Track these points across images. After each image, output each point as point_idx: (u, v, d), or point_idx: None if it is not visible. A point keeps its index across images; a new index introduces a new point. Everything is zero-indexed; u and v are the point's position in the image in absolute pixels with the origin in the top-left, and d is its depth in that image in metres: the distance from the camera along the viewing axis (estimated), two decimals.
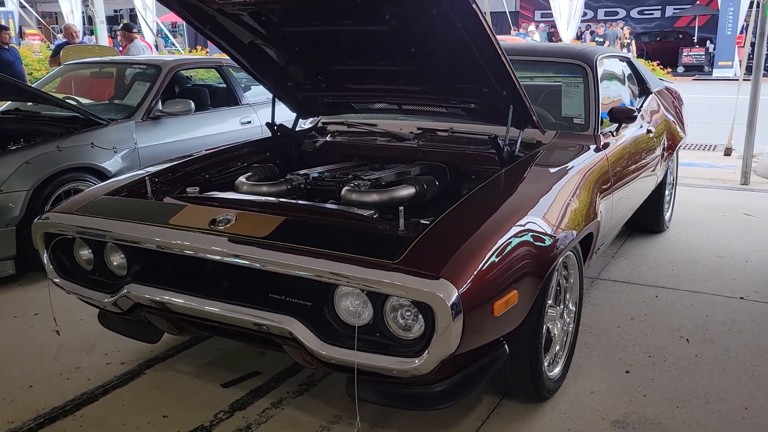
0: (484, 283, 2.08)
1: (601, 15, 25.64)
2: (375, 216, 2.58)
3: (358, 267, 2.06)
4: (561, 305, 2.89)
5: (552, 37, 20.09)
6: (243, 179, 3.04)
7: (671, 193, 5.29)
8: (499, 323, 2.21)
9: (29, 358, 3.26)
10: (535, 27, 21.09)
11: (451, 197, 3.03)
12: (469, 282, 2.03)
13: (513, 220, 2.36)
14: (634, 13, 25.23)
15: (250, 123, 5.76)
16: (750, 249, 4.75)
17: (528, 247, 2.33)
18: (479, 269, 2.08)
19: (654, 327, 3.50)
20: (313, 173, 3.09)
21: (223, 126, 5.53)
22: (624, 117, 3.58)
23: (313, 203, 2.74)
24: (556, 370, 2.84)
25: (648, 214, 4.77)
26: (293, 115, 3.77)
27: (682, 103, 5.64)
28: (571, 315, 2.98)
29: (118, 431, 2.64)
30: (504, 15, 16.93)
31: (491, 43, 2.54)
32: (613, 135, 3.59)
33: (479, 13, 2.40)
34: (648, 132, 4.18)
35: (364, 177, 2.94)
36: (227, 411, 2.76)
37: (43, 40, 18.16)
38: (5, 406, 2.83)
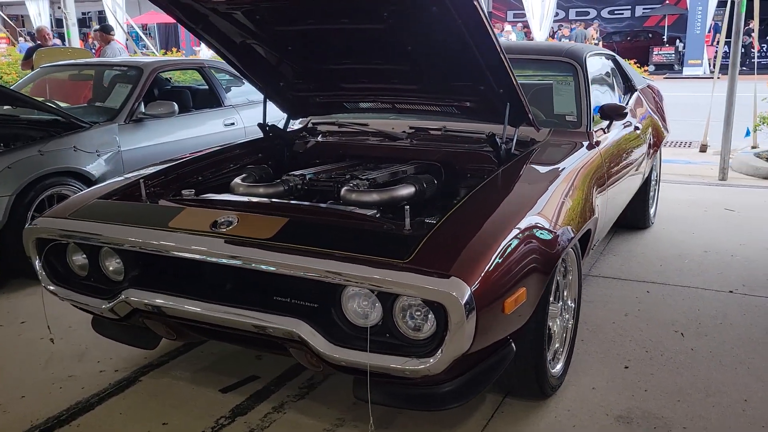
0: (494, 281, 2.07)
1: (573, 15, 25.90)
2: (377, 216, 2.55)
3: (369, 267, 2.03)
4: (560, 302, 2.89)
5: (525, 37, 20.24)
6: (239, 181, 2.99)
7: (655, 190, 5.34)
8: (509, 321, 2.21)
9: (19, 367, 3.18)
10: (512, 27, 21.21)
11: (448, 196, 3.04)
12: (481, 280, 2.01)
13: (518, 217, 2.36)
14: (604, 13, 25.54)
15: (233, 125, 5.69)
16: (734, 243, 4.82)
17: (534, 244, 2.32)
18: (489, 267, 2.07)
19: (648, 322, 3.53)
20: (310, 174, 3.06)
21: (207, 128, 5.45)
22: (615, 114, 3.61)
23: (315, 204, 2.71)
24: (557, 366, 2.84)
25: (634, 210, 4.81)
26: (277, 117, 3.74)
27: (662, 101, 5.70)
28: (570, 311, 2.99)
29: None
30: None
31: (491, 41, 2.54)
32: (605, 132, 3.61)
33: (481, 11, 2.40)
34: (636, 129, 4.22)
35: (362, 177, 2.91)
36: (228, 417, 2.71)
37: (11, 43, 17.80)
38: None
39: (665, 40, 23.29)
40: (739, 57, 6.92)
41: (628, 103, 4.43)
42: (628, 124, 4.06)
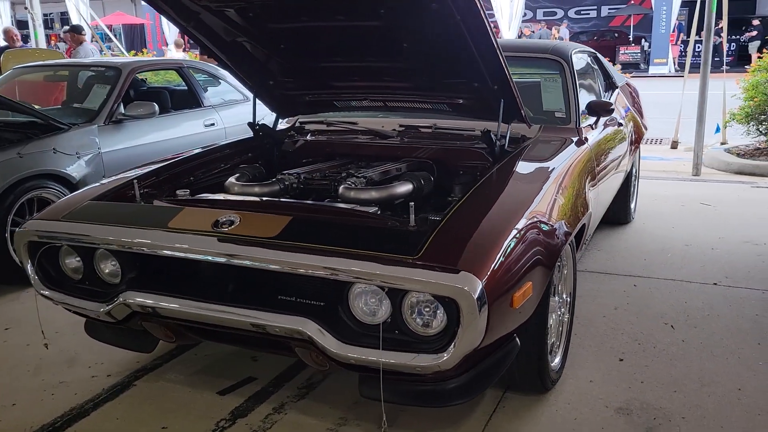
0: (503, 275, 2.08)
1: (540, 15, 26.19)
2: (378, 213, 2.54)
3: (379, 264, 2.02)
4: (556, 296, 2.91)
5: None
6: (233, 180, 2.96)
7: (635, 185, 5.42)
8: (517, 315, 2.22)
9: (7, 375, 3.10)
10: None
11: (442, 193, 3.05)
12: (490, 274, 2.02)
13: (521, 212, 2.37)
14: (571, 14, 25.87)
15: (213, 125, 5.63)
16: (713, 237, 4.91)
17: (537, 238, 2.34)
18: (498, 262, 2.08)
19: (638, 315, 3.58)
20: (305, 172, 3.04)
21: (187, 129, 5.38)
22: (602, 110, 3.66)
23: (316, 202, 2.69)
24: (555, 360, 2.86)
25: (616, 206, 4.87)
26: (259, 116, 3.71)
27: (639, 98, 5.79)
28: (566, 306, 3.01)
29: None
30: None
31: (489, 38, 2.54)
32: (592, 128, 3.65)
33: (480, 7, 2.40)
34: (619, 125, 4.27)
35: (358, 175, 2.90)
36: (228, 419, 2.68)
37: None
38: None
39: (631, 39, 23.67)
40: (711, 55, 7.05)
41: (611, 100, 4.48)
42: (612, 120, 4.12)
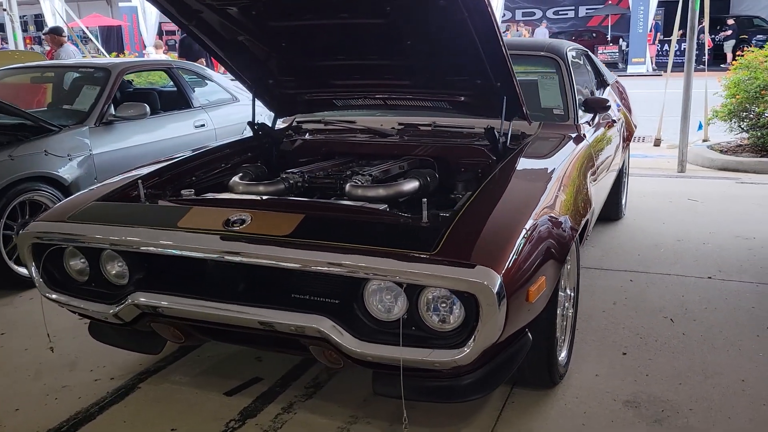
0: (519, 270, 2.09)
1: (519, 15, 26.37)
2: (387, 210, 2.54)
3: (397, 261, 2.02)
4: (560, 291, 2.93)
5: None
6: (237, 179, 2.94)
7: (625, 182, 5.48)
8: (532, 310, 2.23)
9: (7, 379, 3.05)
10: None
11: (445, 190, 3.05)
12: (507, 269, 2.03)
13: (531, 207, 2.38)
14: (549, 14, 26.06)
15: (203, 126, 5.58)
16: (703, 232, 4.98)
17: (549, 233, 2.35)
18: (514, 256, 2.08)
19: (637, 309, 3.61)
20: (309, 171, 3.03)
21: (178, 130, 5.33)
22: (599, 107, 3.69)
23: (325, 200, 2.68)
24: (562, 355, 2.88)
25: (608, 202, 4.91)
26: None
27: (627, 96, 5.85)
28: (570, 300, 3.03)
29: None
30: None
31: (495, 34, 2.55)
32: (589, 125, 3.68)
33: (487, 3, 2.41)
34: (613, 122, 4.32)
35: (363, 173, 2.90)
36: (238, 419, 2.66)
37: None
38: None
39: (609, 39, 23.92)
40: (695, 53, 7.15)
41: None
42: (607, 117, 4.15)
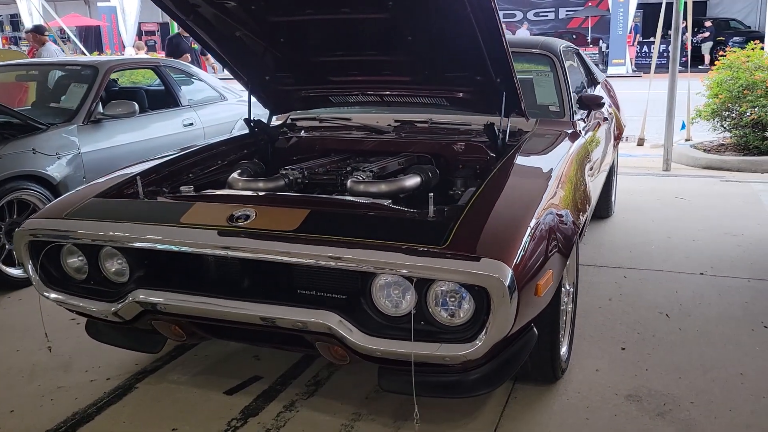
0: (528, 264, 2.09)
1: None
2: (391, 205, 2.53)
3: (408, 255, 2.01)
4: (563, 286, 2.94)
5: None
6: (236, 176, 2.91)
7: (615, 180, 5.51)
8: (540, 304, 2.23)
9: (0, 381, 2.99)
10: None
11: (443, 187, 3.04)
12: (517, 263, 2.02)
13: (536, 203, 2.37)
14: (530, 15, 26.21)
15: (192, 125, 5.53)
16: (692, 229, 5.02)
17: (555, 228, 2.36)
18: (522, 250, 2.08)
19: (632, 305, 3.63)
20: (308, 167, 3.01)
21: (166, 128, 5.27)
22: (593, 104, 3.72)
23: (329, 196, 2.66)
24: (563, 350, 2.88)
25: (599, 199, 4.93)
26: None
27: (615, 95, 5.89)
28: (569, 296, 3.04)
29: None
30: None
31: (498, 30, 2.55)
32: (584, 122, 3.70)
33: None
34: (605, 119, 4.34)
35: (364, 168, 2.88)
36: (240, 418, 2.63)
37: None
38: None
39: (589, 40, 24.11)
40: (679, 53, 7.23)
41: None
42: (600, 114, 4.18)
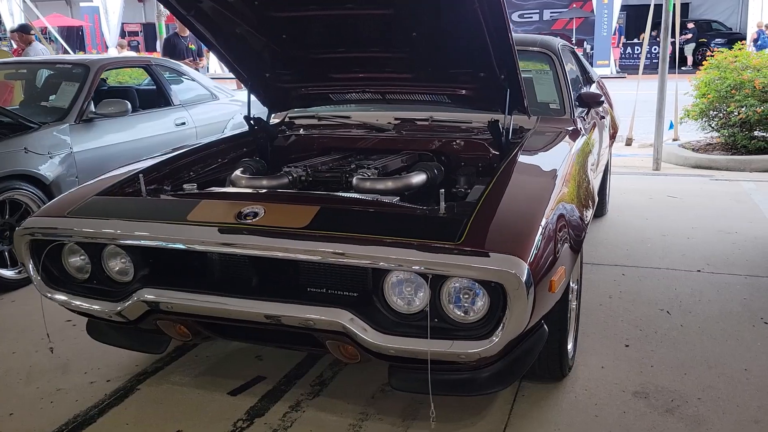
0: (542, 260, 2.07)
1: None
2: (399, 202, 2.50)
3: (423, 252, 1.98)
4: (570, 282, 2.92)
5: None
6: (239, 173, 2.87)
7: (609, 178, 5.53)
8: (552, 300, 2.21)
9: None
10: None
11: (446, 184, 3.02)
12: (532, 258, 2.01)
13: (546, 199, 2.36)
14: (515, 17, 26.25)
15: (184, 124, 5.47)
16: (686, 227, 5.05)
17: (566, 224, 2.35)
18: (537, 246, 2.06)
19: (633, 302, 3.64)
20: (311, 165, 2.98)
21: (159, 128, 5.21)
22: (592, 102, 3.72)
23: (337, 193, 2.63)
24: (569, 347, 2.87)
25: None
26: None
27: (608, 93, 5.91)
28: (574, 293, 3.03)
29: None
30: None
31: (504, 26, 2.54)
32: (584, 119, 3.70)
33: None
34: (602, 118, 4.35)
35: (369, 166, 2.86)
36: (246, 419, 2.59)
37: None
38: None
39: (573, 42, 24.23)
40: (668, 53, 7.27)
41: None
42: (597, 112, 4.19)
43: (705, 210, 5.54)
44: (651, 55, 18.44)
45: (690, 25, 22.47)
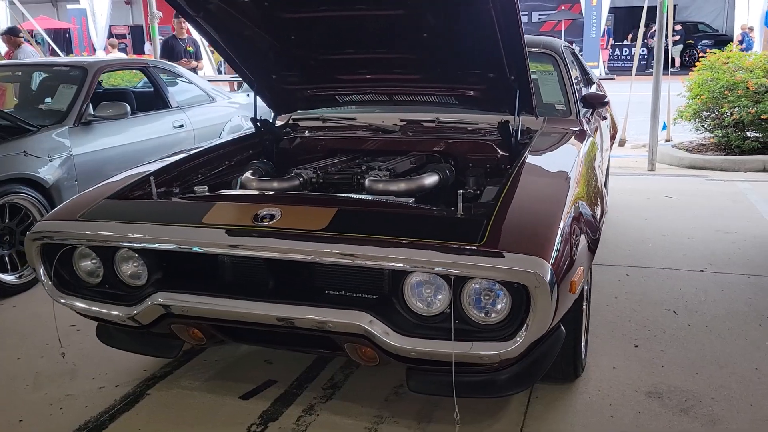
0: (563, 260, 2.06)
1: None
2: (414, 203, 2.49)
3: (447, 253, 1.97)
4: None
5: None
6: (249, 176, 2.85)
7: (607, 179, 5.55)
8: (572, 301, 2.20)
9: (4, 390, 2.88)
10: None
11: (455, 185, 3.02)
12: (554, 259, 2.00)
13: (563, 199, 2.35)
14: None
15: (182, 126, 5.43)
16: (685, 227, 5.07)
17: (583, 224, 2.34)
18: (557, 247, 2.06)
19: (639, 303, 3.65)
20: (322, 167, 2.96)
21: (157, 130, 5.16)
22: (597, 102, 3.73)
23: (353, 195, 2.61)
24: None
25: None
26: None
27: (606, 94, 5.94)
28: (584, 293, 3.03)
29: None
30: None
31: (517, 27, 2.53)
32: (589, 120, 3.71)
33: None
34: (603, 119, 4.37)
35: (380, 168, 2.84)
36: (260, 423, 2.57)
37: None
38: None
39: None
40: (663, 54, 7.32)
41: None
42: (599, 113, 4.20)
43: (702, 210, 5.57)
44: (639, 57, 18.50)
45: (677, 27, 22.62)
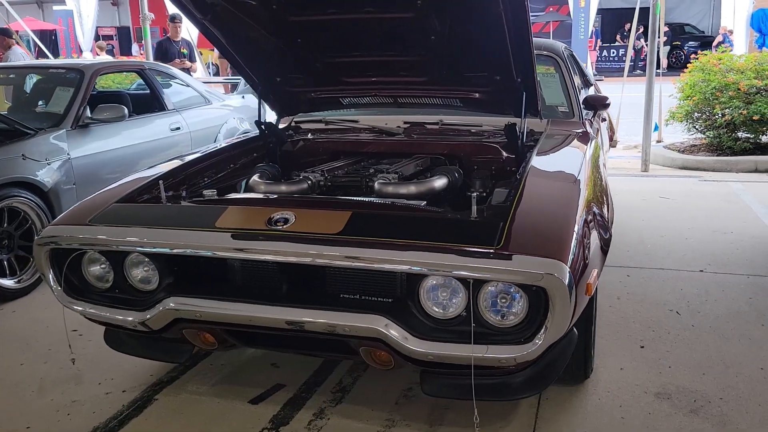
0: (578, 263, 2.07)
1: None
2: (425, 206, 2.49)
3: (464, 257, 1.97)
4: None
5: None
6: (257, 179, 2.84)
7: None
8: (586, 303, 2.21)
9: (10, 396, 2.85)
10: None
11: (462, 187, 3.02)
12: (571, 261, 2.00)
13: (575, 201, 2.35)
14: None
15: (179, 129, 5.39)
16: (683, 227, 5.10)
17: (596, 226, 2.35)
18: (573, 249, 2.06)
19: (642, 303, 3.66)
20: (330, 169, 2.95)
21: (154, 133, 5.13)
22: (599, 104, 3.74)
23: (364, 198, 2.60)
24: None
25: None
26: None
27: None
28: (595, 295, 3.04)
29: None
30: None
31: (527, 28, 2.54)
32: (591, 122, 3.72)
33: None
34: (603, 120, 4.39)
35: (388, 170, 2.84)
36: (270, 428, 2.55)
37: None
38: None
39: None
40: (656, 56, 7.36)
41: None
42: (599, 115, 4.21)
43: (698, 210, 5.61)
44: (625, 58, 18.60)
45: (664, 29, 22.77)
